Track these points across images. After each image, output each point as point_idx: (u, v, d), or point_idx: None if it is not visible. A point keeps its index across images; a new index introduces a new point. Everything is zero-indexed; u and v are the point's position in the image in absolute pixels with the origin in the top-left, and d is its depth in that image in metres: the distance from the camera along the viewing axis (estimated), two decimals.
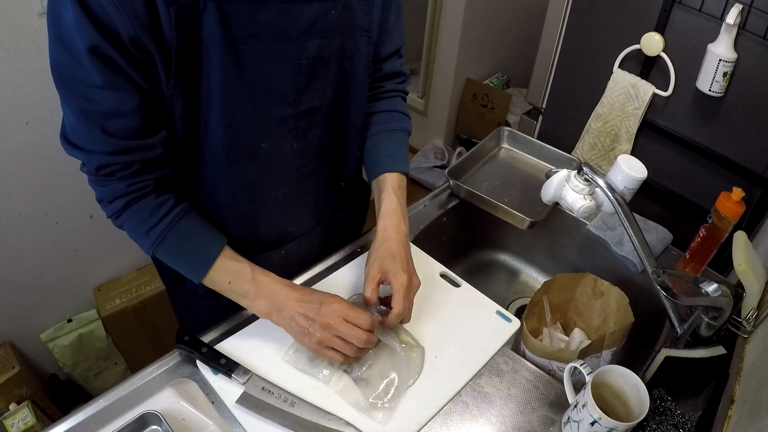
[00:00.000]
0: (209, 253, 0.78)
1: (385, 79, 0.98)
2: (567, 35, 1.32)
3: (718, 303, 0.85)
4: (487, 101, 2.73)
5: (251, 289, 0.79)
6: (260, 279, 0.79)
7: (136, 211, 0.76)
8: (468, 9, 2.47)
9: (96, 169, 0.72)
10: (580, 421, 0.75)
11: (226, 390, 0.78)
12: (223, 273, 0.79)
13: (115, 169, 0.72)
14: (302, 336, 0.78)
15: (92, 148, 0.71)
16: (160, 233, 0.76)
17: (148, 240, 0.77)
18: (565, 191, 0.96)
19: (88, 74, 0.64)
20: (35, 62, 1.31)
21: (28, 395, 1.52)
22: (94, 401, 0.76)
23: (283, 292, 0.79)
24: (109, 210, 0.77)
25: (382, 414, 0.77)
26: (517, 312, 1.24)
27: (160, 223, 0.76)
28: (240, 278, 0.79)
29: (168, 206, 0.77)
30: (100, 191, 0.76)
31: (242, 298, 0.80)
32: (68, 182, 1.52)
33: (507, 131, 1.39)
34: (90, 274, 1.73)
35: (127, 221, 0.77)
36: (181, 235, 0.78)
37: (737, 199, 0.95)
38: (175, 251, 0.79)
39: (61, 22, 0.62)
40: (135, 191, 0.75)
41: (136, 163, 0.73)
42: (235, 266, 0.79)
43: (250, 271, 0.79)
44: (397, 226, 0.88)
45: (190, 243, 0.79)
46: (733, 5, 1.01)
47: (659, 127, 1.24)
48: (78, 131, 0.70)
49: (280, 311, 0.78)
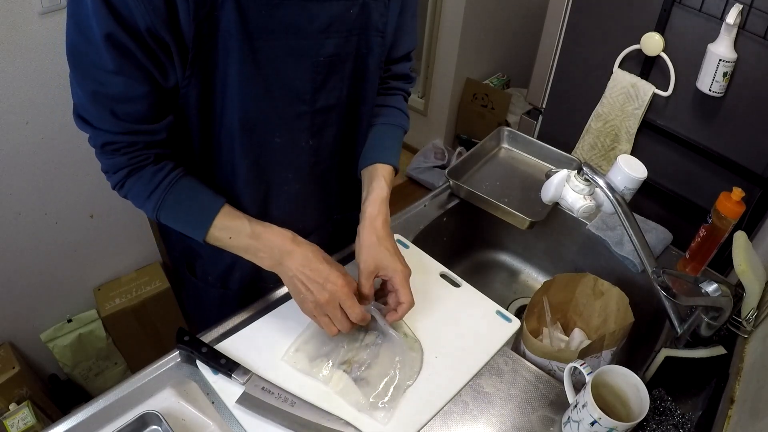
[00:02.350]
0: (209, 211, 0.80)
1: (392, 78, 0.99)
2: (567, 35, 1.33)
3: (718, 303, 0.85)
4: (487, 101, 2.74)
5: (251, 243, 0.80)
6: (259, 232, 0.80)
7: (137, 179, 0.78)
8: (468, 9, 2.47)
9: (102, 145, 0.75)
10: (580, 421, 0.75)
11: (226, 390, 0.78)
12: (223, 230, 0.80)
13: (120, 146, 0.75)
14: (298, 296, 0.81)
15: (101, 126, 0.73)
16: (161, 194, 0.78)
17: (151, 202, 0.79)
18: (565, 191, 0.96)
19: (101, 59, 0.66)
20: (35, 62, 1.31)
21: (28, 395, 1.52)
22: (94, 401, 0.76)
23: (283, 247, 0.79)
24: (113, 180, 0.79)
25: (383, 414, 0.77)
26: (517, 312, 1.24)
27: (160, 185, 0.78)
28: (240, 234, 0.80)
29: (167, 170, 0.79)
30: (104, 163, 0.78)
31: (245, 253, 0.81)
32: (68, 182, 1.52)
33: (507, 131, 1.39)
34: (90, 274, 1.73)
35: (130, 189, 0.79)
36: (181, 195, 0.80)
37: (737, 199, 0.95)
38: (177, 210, 0.80)
39: (81, 8, 0.64)
40: (135, 163, 0.77)
41: (140, 143, 0.76)
42: (234, 222, 0.80)
43: (249, 225, 0.80)
44: (385, 215, 0.88)
45: (191, 201, 0.80)
46: (733, 5, 1.01)
47: (659, 127, 1.24)
48: (88, 111, 0.72)
49: (280, 265, 0.80)
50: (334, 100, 0.84)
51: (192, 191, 0.81)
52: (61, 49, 1.34)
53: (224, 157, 0.83)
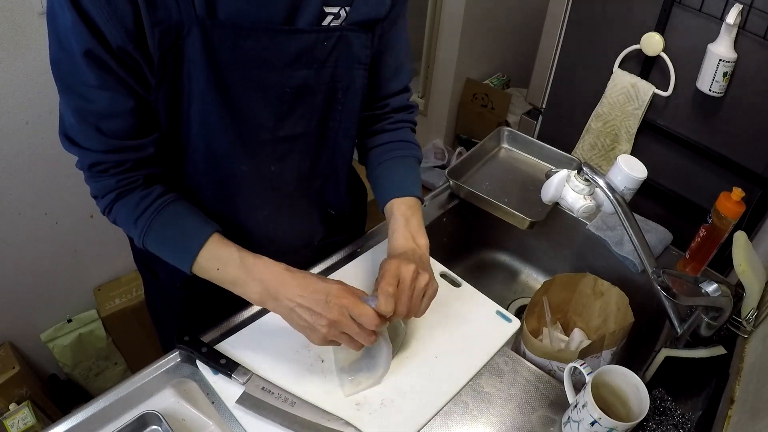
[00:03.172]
0: (195, 240, 0.75)
1: (394, 111, 0.97)
2: (567, 35, 1.33)
3: (718, 303, 0.85)
4: (487, 101, 2.73)
5: (240, 275, 0.74)
6: (249, 263, 0.74)
7: (125, 203, 0.77)
8: (468, 9, 2.47)
9: (89, 166, 0.74)
10: (580, 421, 0.75)
11: (226, 390, 0.78)
12: (210, 260, 0.75)
13: (108, 166, 0.74)
14: (306, 330, 0.73)
15: (87, 145, 0.72)
16: (146, 220, 0.75)
17: (137, 229, 0.76)
18: (565, 191, 0.96)
19: (84, 75, 0.66)
20: (35, 62, 1.31)
21: (28, 395, 1.52)
22: (94, 401, 0.76)
23: (277, 278, 0.73)
24: (102, 204, 0.78)
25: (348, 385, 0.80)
26: (517, 312, 1.24)
27: (146, 210, 0.76)
28: (228, 264, 0.74)
29: (154, 195, 0.77)
30: (93, 187, 0.77)
31: (233, 286, 0.75)
32: (68, 182, 1.52)
33: (507, 131, 1.39)
34: (90, 274, 1.73)
35: (118, 214, 0.78)
36: (166, 222, 0.76)
37: (737, 199, 0.95)
38: (162, 239, 0.76)
39: (59, 23, 0.63)
40: (124, 186, 0.76)
41: (128, 161, 0.74)
42: (222, 252, 0.75)
43: (238, 255, 0.74)
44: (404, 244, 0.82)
45: (177, 229, 0.77)
46: (733, 5, 1.01)
47: (659, 127, 1.24)
48: (75, 128, 0.72)
49: (275, 299, 0.73)
50: (301, 129, 0.82)
51: (179, 218, 0.77)
52: None
53: (192, 178, 0.82)
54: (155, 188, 0.78)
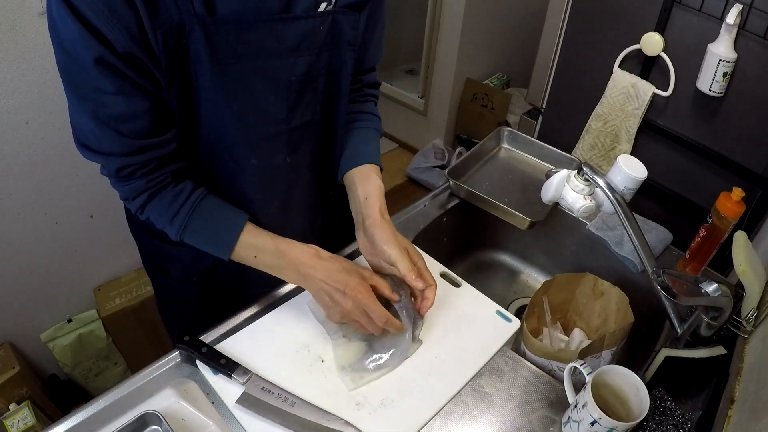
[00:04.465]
0: (232, 232, 0.81)
1: (365, 86, 1.00)
2: (567, 35, 1.32)
3: (718, 303, 0.85)
4: (487, 101, 2.74)
5: (276, 262, 0.81)
6: (284, 250, 0.81)
7: (157, 203, 0.79)
8: (468, 9, 2.47)
9: (116, 171, 0.74)
10: (580, 421, 0.75)
11: (226, 390, 0.78)
12: (247, 249, 0.81)
13: (134, 168, 0.75)
14: (327, 308, 0.83)
15: (109, 150, 0.72)
16: (183, 219, 0.79)
17: (174, 227, 0.80)
18: (565, 191, 0.96)
19: (98, 82, 0.66)
20: (35, 62, 1.31)
21: (28, 395, 1.52)
22: (94, 401, 0.76)
23: (308, 262, 0.80)
24: (134, 206, 0.79)
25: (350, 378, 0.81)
26: (517, 312, 1.24)
27: (181, 209, 0.79)
28: (264, 252, 0.81)
29: (186, 192, 0.79)
30: (122, 191, 0.78)
31: (270, 270, 0.83)
32: (68, 182, 1.52)
33: (507, 131, 1.39)
34: (90, 274, 1.73)
35: (151, 213, 0.80)
36: (202, 218, 0.80)
37: (737, 199, 0.95)
38: (201, 234, 0.81)
39: (61, 33, 0.63)
40: (154, 186, 0.77)
41: (153, 161, 0.75)
42: (257, 241, 0.81)
43: (273, 243, 0.81)
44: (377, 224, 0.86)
45: (213, 223, 0.81)
46: (733, 5, 1.01)
47: (659, 127, 1.24)
48: (95, 135, 0.71)
49: (306, 280, 0.81)
50: (309, 116, 0.85)
51: (214, 212, 0.82)
52: None
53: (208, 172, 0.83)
54: (186, 184, 0.80)
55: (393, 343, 0.84)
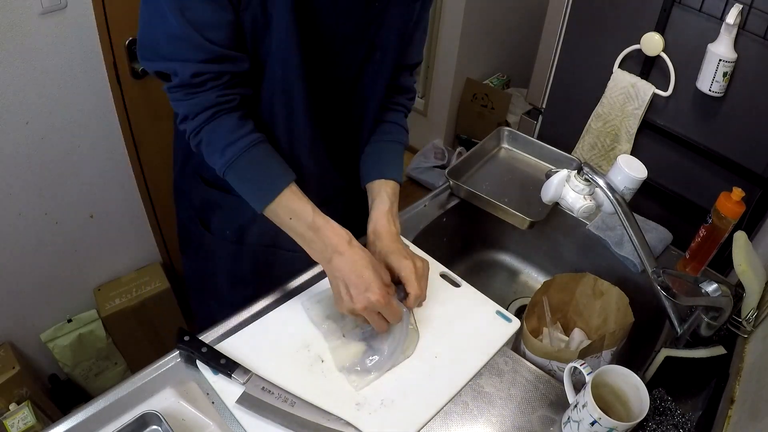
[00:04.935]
0: (277, 184, 0.81)
1: (397, 92, 1.01)
2: (567, 35, 1.33)
3: (718, 303, 0.85)
4: (487, 101, 2.74)
5: (309, 234, 0.81)
6: (319, 226, 0.81)
7: (219, 124, 0.79)
8: (468, 9, 2.47)
9: (191, 76, 0.75)
10: (580, 421, 0.75)
11: (226, 390, 0.78)
12: (285, 208, 0.81)
13: (207, 78, 0.76)
14: (336, 296, 0.82)
15: (186, 57, 0.74)
16: (236, 152, 0.79)
17: (223, 157, 0.80)
18: (565, 191, 0.96)
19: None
20: (35, 62, 1.31)
21: (28, 395, 1.52)
22: (94, 401, 0.76)
23: (339, 246, 0.80)
24: (192, 125, 0.80)
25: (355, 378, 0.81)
26: (517, 312, 1.24)
27: (237, 142, 0.79)
28: (300, 218, 0.81)
29: (248, 129, 0.81)
30: (186, 105, 0.78)
31: (298, 238, 0.83)
32: (68, 182, 1.52)
33: (507, 131, 1.39)
34: (90, 274, 1.73)
35: (206, 135, 0.80)
36: (254, 160, 0.81)
37: (737, 199, 0.95)
38: (246, 174, 0.81)
39: None
40: (222, 103, 0.78)
41: (226, 74, 0.77)
42: (298, 204, 0.81)
43: (312, 214, 0.81)
44: (387, 228, 0.90)
45: (262, 170, 0.82)
46: (733, 5, 1.01)
47: (659, 127, 1.24)
48: (175, 38, 0.73)
49: (329, 263, 0.81)
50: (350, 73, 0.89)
51: (266, 160, 0.82)
52: (62, 49, 1.35)
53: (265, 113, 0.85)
54: (249, 122, 0.81)
55: (392, 340, 0.84)
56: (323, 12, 0.78)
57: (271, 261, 1.04)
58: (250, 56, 0.79)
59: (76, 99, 1.42)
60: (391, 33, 0.87)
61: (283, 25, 0.75)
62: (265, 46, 0.78)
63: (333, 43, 0.83)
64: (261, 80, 0.82)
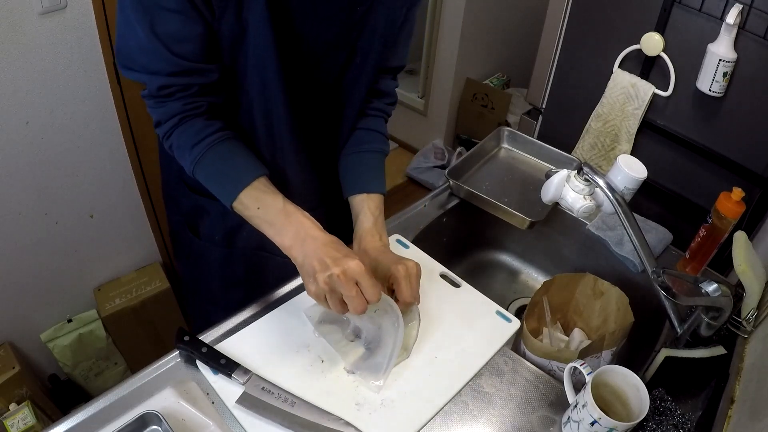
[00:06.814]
0: (244, 177, 0.80)
1: (376, 95, 0.99)
2: (567, 35, 1.33)
3: (718, 303, 0.85)
4: (487, 101, 2.74)
5: (279, 219, 0.79)
6: (291, 211, 0.80)
7: (185, 129, 0.80)
8: (468, 9, 2.47)
9: (158, 88, 0.77)
10: (580, 421, 0.75)
11: (226, 390, 0.78)
12: (254, 199, 0.80)
13: (175, 90, 0.77)
14: (308, 278, 0.75)
15: (156, 68, 0.75)
16: (203, 149, 0.80)
17: (191, 155, 0.81)
18: (565, 191, 0.96)
19: None
20: (35, 62, 1.31)
21: (28, 395, 1.52)
22: (94, 401, 0.76)
23: (310, 230, 0.78)
24: (163, 129, 0.81)
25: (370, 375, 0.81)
26: (517, 312, 1.24)
27: (204, 140, 0.80)
28: (270, 206, 0.80)
29: (215, 127, 0.81)
30: (157, 113, 0.80)
31: (269, 227, 0.80)
32: (68, 182, 1.52)
33: (507, 131, 1.39)
34: (90, 274, 1.73)
35: (176, 138, 0.81)
36: (221, 155, 0.81)
37: (737, 199, 0.95)
38: (213, 169, 0.81)
39: None
40: (189, 110, 0.79)
41: (194, 86, 0.78)
42: (267, 195, 0.81)
43: (282, 202, 0.80)
44: (373, 245, 0.88)
45: (229, 164, 0.82)
46: (733, 5, 1.01)
47: (659, 127, 1.24)
48: (145, 51, 0.74)
49: (303, 243, 0.76)
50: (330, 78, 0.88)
51: (233, 154, 0.82)
52: (62, 49, 1.34)
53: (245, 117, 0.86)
54: (217, 122, 0.82)
55: (390, 336, 0.84)
56: (302, 18, 0.78)
57: (263, 264, 1.03)
58: (229, 66, 0.79)
59: (76, 99, 1.42)
60: (374, 37, 0.86)
61: (259, 32, 0.75)
62: (243, 54, 0.78)
63: (314, 49, 0.82)
64: (240, 89, 0.82)
